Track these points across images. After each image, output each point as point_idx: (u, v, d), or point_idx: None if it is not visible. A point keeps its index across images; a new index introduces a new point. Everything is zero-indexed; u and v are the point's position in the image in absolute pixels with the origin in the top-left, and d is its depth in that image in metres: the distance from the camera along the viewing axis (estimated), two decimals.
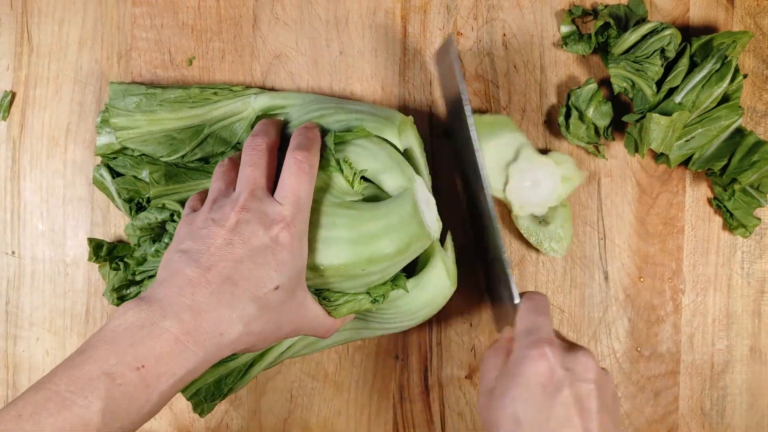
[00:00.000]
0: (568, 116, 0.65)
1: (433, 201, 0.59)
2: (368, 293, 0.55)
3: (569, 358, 0.49)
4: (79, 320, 0.67)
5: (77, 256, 0.67)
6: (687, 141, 0.64)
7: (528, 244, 0.66)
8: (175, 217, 0.58)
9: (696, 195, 0.68)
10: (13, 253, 0.67)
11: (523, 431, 0.47)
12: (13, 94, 0.67)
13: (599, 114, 0.64)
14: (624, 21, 0.65)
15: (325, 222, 0.52)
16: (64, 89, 0.67)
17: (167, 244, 0.57)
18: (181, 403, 0.67)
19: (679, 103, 0.62)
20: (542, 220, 0.65)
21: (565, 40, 0.66)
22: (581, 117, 0.64)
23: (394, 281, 0.56)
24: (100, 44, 0.67)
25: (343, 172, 0.54)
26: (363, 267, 0.52)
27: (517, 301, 0.54)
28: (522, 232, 0.65)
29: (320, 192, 0.54)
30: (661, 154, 0.64)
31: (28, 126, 0.67)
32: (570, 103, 0.65)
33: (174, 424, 0.67)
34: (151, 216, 0.58)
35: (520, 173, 0.64)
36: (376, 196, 0.56)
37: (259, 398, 0.67)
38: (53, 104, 0.67)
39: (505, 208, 0.66)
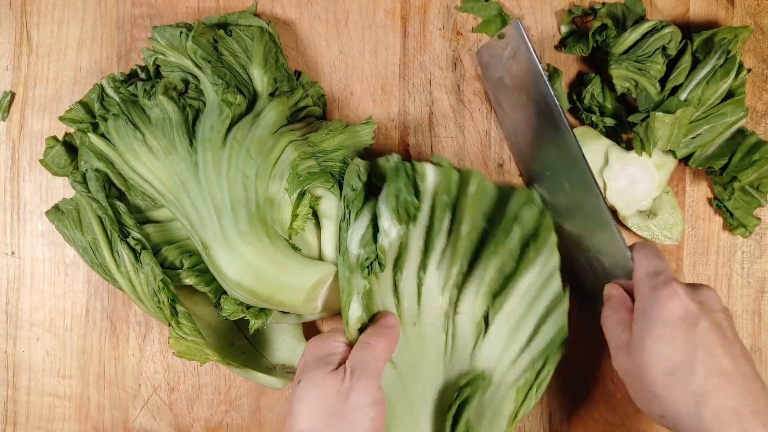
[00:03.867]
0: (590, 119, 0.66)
1: None
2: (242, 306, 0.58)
3: (696, 292, 0.52)
4: (79, 321, 0.67)
5: (77, 256, 0.67)
6: (693, 138, 0.64)
7: None
8: None
9: (696, 195, 0.68)
10: (13, 253, 0.67)
11: (674, 363, 0.49)
12: (13, 95, 0.67)
13: (611, 96, 0.65)
14: (622, 20, 0.65)
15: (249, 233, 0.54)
16: (63, 89, 0.67)
17: None
18: (181, 403, 0.67)
19: (685, 101, 0.62)
20: (650, 213, 0.65)
21: (564, 41, 0.66)
22: (602, 110, 0.65)
23: (257, 315, 0.58)
24: (100, 44, 0.67)
25: (300, 201, 0.55)
26: (237, 287, 0.54)
27: (628, 254, 0.57)
28: (634, 230, 0.65)
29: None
30: (670, 151, 0.64)
31: (28, 126, 0.67)
32: (585, 103, 0.65)
33: (174, 424, 0.67)
34: None
35: (615, 175, 0.65)
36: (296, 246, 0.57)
37: (259, 398, 0.67)
38: (53, 104, 0.67)
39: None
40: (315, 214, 0.57)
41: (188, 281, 0.57)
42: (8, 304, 0.67)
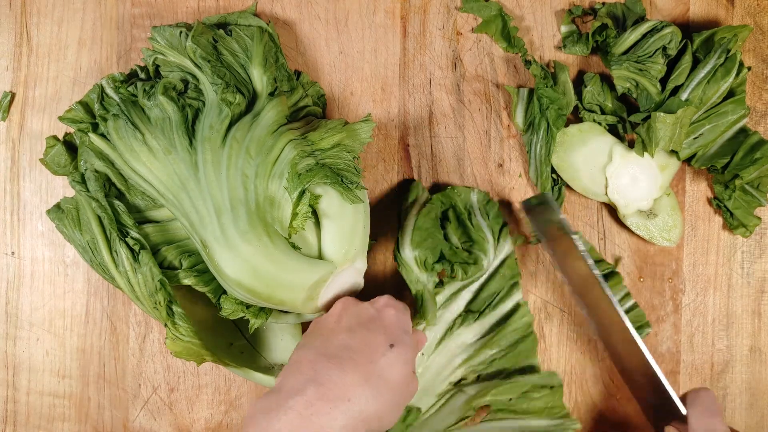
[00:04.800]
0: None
1: (357, 286, 0.60)
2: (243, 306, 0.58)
3: None
4: (79, 321, 0.67)
5: (77, 256, 0.67)
6: (696, 138, 0.64)
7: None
8: None
9: (696, 195, 0.68)
10: (13, 253, 0.67)
11: None
12: (13, 95, 0.67)
13: (612, 95, 0.65)
14: (622, 20, 0.65)
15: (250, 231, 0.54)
16: (63, 89, 0.67)
17: None
18: (181, 403, 0.67)
19: (686, 100, 0.62)
20: (650, 213, 0.65)
21: (564, 42, 0.66)
22: (602, 109, 0.65)
23: (257, 314, 0.58)
24: (100, 44, 0.67)
25: (300, 200, 0.55)
26: (237, 286, 0.54)
27: (684, 412, 0.56)
28: (633, 229, 0.65)
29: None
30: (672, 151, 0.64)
31: (28, 126, 0.67)
32: (586, 102, 0.65)
33: (174, 424, 0.67)
34: None
35: (617, 173, 0.65)
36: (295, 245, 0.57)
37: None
38: (53, 104, 0.67)
39: (611, 209, 0.66)
40: (315, 213, 0.57)
41: (187, 281, 0.57)
42: (8, 304, 0.67)
